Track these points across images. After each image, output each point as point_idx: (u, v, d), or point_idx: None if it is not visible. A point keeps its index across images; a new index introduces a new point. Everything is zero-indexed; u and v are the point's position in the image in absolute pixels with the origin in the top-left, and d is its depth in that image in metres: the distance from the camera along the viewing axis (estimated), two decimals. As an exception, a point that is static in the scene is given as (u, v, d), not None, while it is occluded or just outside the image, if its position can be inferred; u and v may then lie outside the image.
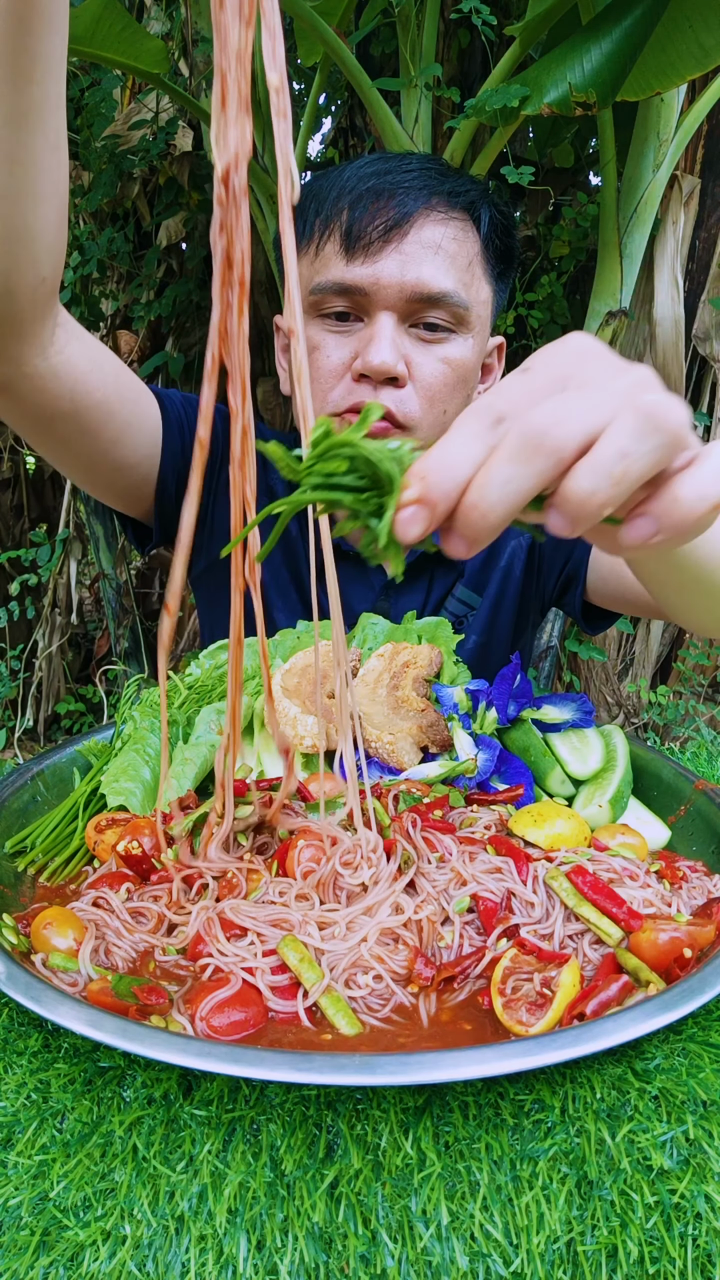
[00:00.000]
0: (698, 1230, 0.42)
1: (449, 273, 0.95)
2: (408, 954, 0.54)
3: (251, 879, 0.61)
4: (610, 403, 0.40)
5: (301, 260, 1.01)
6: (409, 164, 0.97)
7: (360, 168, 0.97)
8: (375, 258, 0.93)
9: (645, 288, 2.15)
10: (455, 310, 0.96)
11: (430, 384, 0.97)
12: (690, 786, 0.78)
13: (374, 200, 0.94)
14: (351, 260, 0.94)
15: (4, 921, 0.58)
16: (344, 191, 0.96)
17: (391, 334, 0.94)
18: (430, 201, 0.95)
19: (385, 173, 0.96)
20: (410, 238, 0.93)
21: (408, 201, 0.94)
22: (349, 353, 0.97)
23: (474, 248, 0.98)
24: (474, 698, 0.83)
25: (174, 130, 2.16)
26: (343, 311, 0.97)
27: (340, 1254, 0.41)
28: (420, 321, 0.96)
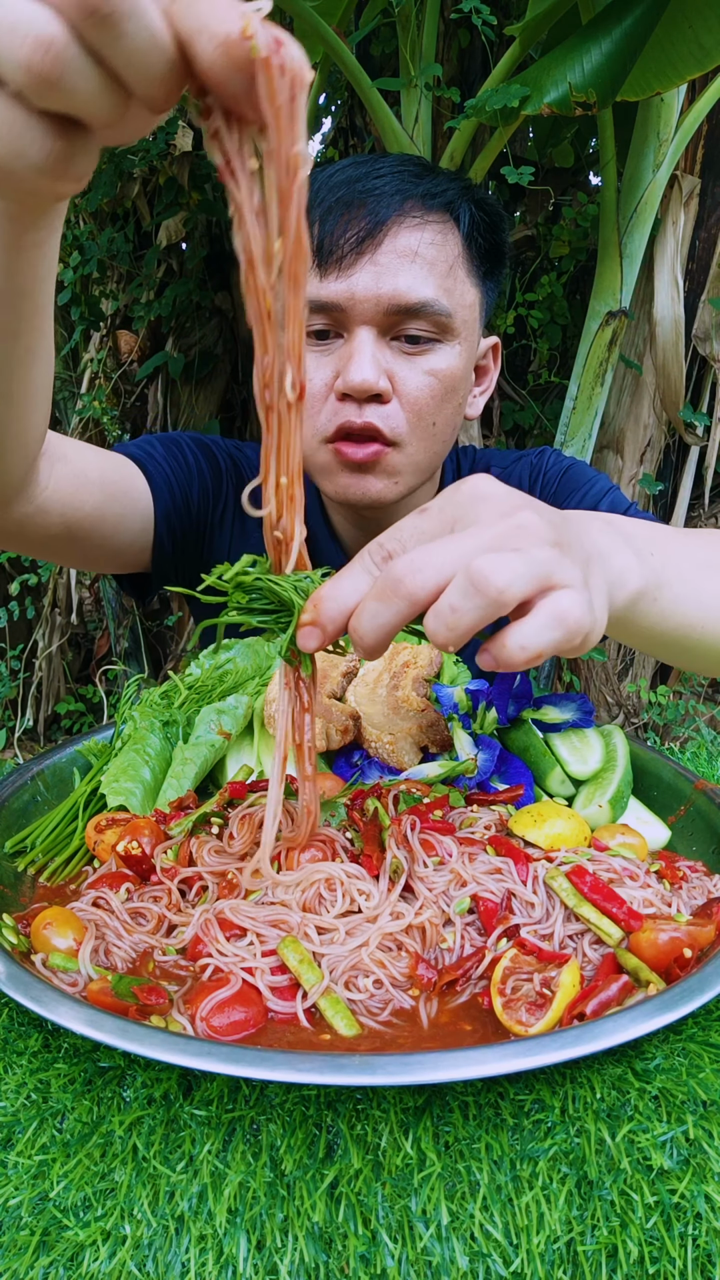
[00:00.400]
0: (698, 1230, 0.42)
1: (427, 280, 0.91)
2: (409, 959, 0.54)
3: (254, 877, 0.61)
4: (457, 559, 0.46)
5: None
6: (381, 168, 0.92)
7: (331, 176, 0.92)
8: (349, 271, 0.89)
9: (645, 288, 2.15)
10: (437, 319, 0.91)
11: (416, 398, 0.93)
12: (690, 786, 0.78)
13: (344, 211, 0.90)
14: (325, 276, 0.90)
15: (4, 921, 0.58)
16: (314, 203, 0.91)
17: (371, 350, 0.91)
18: (404, 206, 0.90)
19: (356, 180, 0.91)
20: (384, 247, 0.89)
21: (380, 209, 0.89)
22: (330, 372, 0.93)
23: (455, 249, 0.94)
24: (474, 698, 0.83)
25: (174, 130, 2.16)
26: (321, 329, 0.93)
27: (340, 1254, 0.41)
28: (402, 334, 0.93)
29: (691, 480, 2.37)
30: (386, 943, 0.55)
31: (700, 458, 2.35)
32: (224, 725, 0.81)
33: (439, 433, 0.98)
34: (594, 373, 2.00)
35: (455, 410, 0.99)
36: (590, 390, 2.02)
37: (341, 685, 0.86)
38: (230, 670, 0.91)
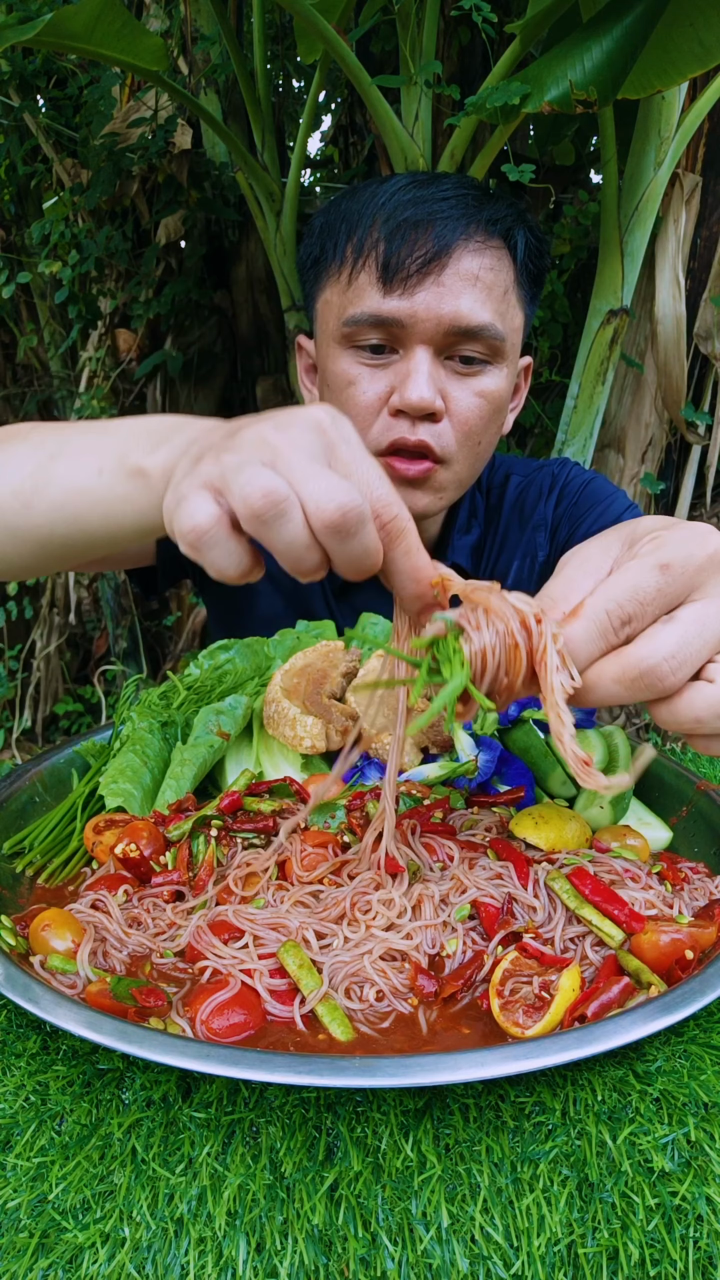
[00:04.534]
0: (699, 1232, 0.42)
1: (486, 305, 0.93)
2: (410, 970, 0.54)
3: (250, 883, 0.61)
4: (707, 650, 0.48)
5: (330, 286, 0.99)
6: (445, 189, 0.94)
7: (394, 193, 0.95)
8: (413, 290, 0.91)
9: (647, 286, 2.15)
10: (492, 343, 0.95)
11: (467, 418, 0.96)
12: (692, 788, 0.78)
13: (412, 231, 0.92)
14: (389, 293, 0.92)
15: (2, 923, 0.58)
16: (379, 218, 0.93)
17: (429, 369, 0.92)
18: (468, 230, 0.93)
19: (421, 200, 0.93)
20: (449, 269, 0.92)
21: (446, 232, 0.92)
22: (385, 386, 0.95)
23: (509, 275, 0.97)
24: (474, 698, 0.82)
25: (173, 128, 2.15)
26: (377, 344, 0.95)
27: (340, 1256, 0.41)
28: (456, 354, 0.95)
29: (693, 479, 2.37)
30: (390, 953, 0.55)
31: (702, 457, 2.35)
32: (223, 726, 0.81)
33: (483, 451, 1.01)
34: (595, 371, 2.00)
35: (498, 429, 1.02)
36: (591, 389, 2.02)
37: (341, 685, 0.86)
38: (229, 671, 0.91)
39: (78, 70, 2.27)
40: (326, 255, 0.99)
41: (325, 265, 0.99)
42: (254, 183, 2.00)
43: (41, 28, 1.43)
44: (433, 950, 0.56)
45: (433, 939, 0.56)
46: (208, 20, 2.21)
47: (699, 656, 0.47)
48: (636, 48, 1.39)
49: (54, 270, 2.32)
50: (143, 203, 2.29)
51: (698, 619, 0.48)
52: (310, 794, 0.73)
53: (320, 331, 1.03)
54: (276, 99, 2.31)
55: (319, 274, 1.01)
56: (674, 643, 0.47)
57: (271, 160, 2.10)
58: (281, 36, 2.31)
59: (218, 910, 0.58)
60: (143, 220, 2.31)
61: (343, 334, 0.96)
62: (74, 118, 2.32)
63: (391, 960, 0.55)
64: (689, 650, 0.47)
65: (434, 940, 0.56)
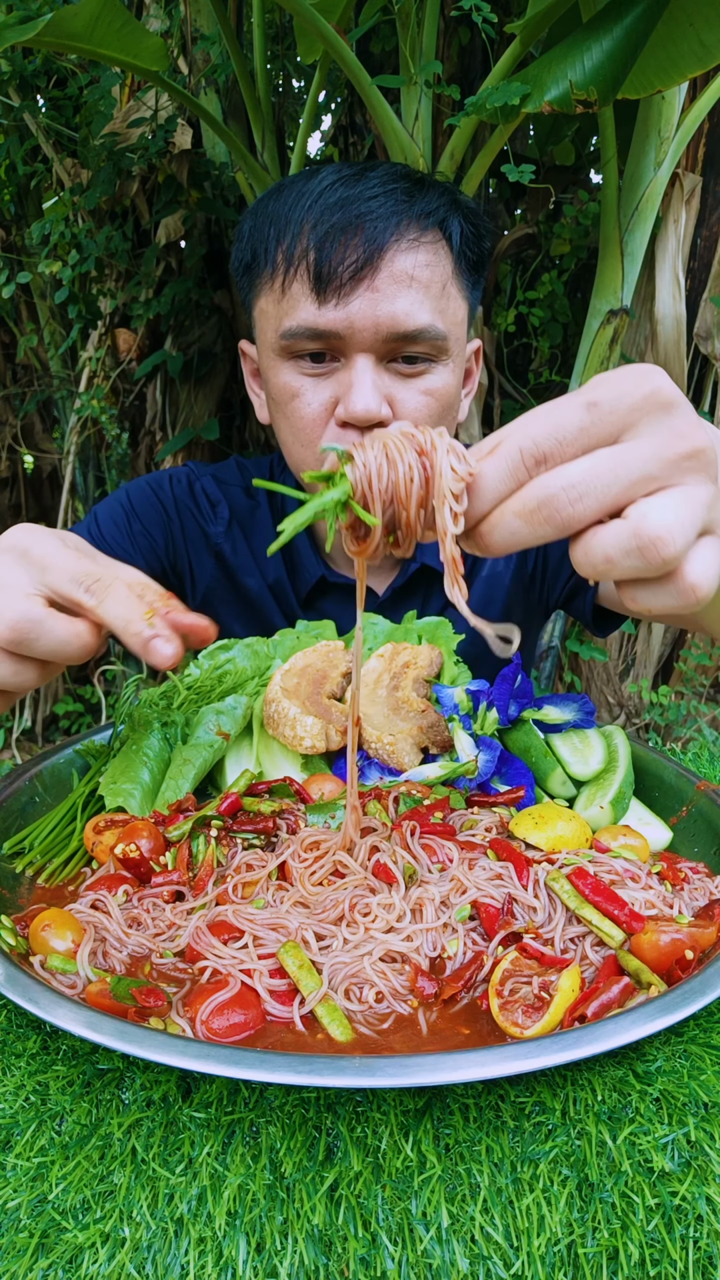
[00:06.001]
0: (699, 1232, 0.42)
1: (424, 304, 0.91)
2: (410, 972, 0.54)
3: (247, 889, 0.61)
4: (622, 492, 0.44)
5: (265, 295, 0.97)
6: (372, 185, 0.91)
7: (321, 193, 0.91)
8: (347, 299, 0.89)
9: (646, 286, 2.15)
10: (434, 343, 0.93)
11: (416, 419, 0.94)
12: (692, 787, 0.78)
13: (340, 235, 0.88)
14: (323, 303, 0.89)
15: (2, 923, 0.58)
16: (307, 224, 0.90)
17: (371, 378, 0.91)
18: (399, 229, 0.90)
19: (349, 201, 0.89)
20: (382, 273, 0.89)
21: (376, 233, 0.88)
22: (329, 395, 0.94)
23: (447, 268, 0.94)
24: (474, 698, 0.82)
25: (173, 128, 2.15)
26: (317, 353, 0.93)
27: (340, 1256, 0.41)
28: (399, 356, 0.93)
29: (692, 479, 2.37)
30: (390, 955, 0.55)
31: (701, 456, 2.34)
32: (223, 726, 0.81)
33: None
34: (595, 371, 2.00)
35: (450, 423, 1.01)
36: (591, 389, 2.01)
37: (341, 685, 0.86)
38: (229, 671, 0.91)
39: (78, 70, 2.27)
40: (258, 261, 0.97)
41: (258, 272, 0.97)
42: (254, 183, 2.00)
43: (41, 28, 1.43)
44: (434, 953, 0.56)
45: (434, 941, 0.56)
46: (208, 20, 2.21)
47: (606, 492, 0.44)
48: (636, 48, 1.39)
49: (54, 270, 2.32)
50: (143, 203, 2.29)
51: (613, 454, 0.44)
52: (310, 794, 0.73)
53: (259, 341, 1.01)
54: (276, 99, 2.31)
55: (252, 280, 0.99)
56: (577, 473, 0.44)
57: (271, 160, 2.10)
58: (281, 36, 2.30)
59: (217, 910, 0.58)
60: (143, 220, 2.31)
61: (281, 346, 0.95)
62: (74, 118, 2.32)
63: (391, 962, 0.55)
64: (594, 482, 0.44)
65: (435, 943, 0.56)
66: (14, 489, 3.03)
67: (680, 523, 0.43)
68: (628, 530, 0.44)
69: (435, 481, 0.47)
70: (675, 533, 0.43)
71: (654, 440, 0.44)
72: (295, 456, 1.00)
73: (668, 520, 0.43)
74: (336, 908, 0.58)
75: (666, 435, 0.44)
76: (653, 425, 0.45)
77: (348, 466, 0.49)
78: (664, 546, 0.43)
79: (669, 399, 0.45)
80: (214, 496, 1.16)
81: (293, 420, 0.97)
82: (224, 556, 1.14)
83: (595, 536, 0.44)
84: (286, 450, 1.02)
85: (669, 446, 0.44)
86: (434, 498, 0.47)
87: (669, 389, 0.46)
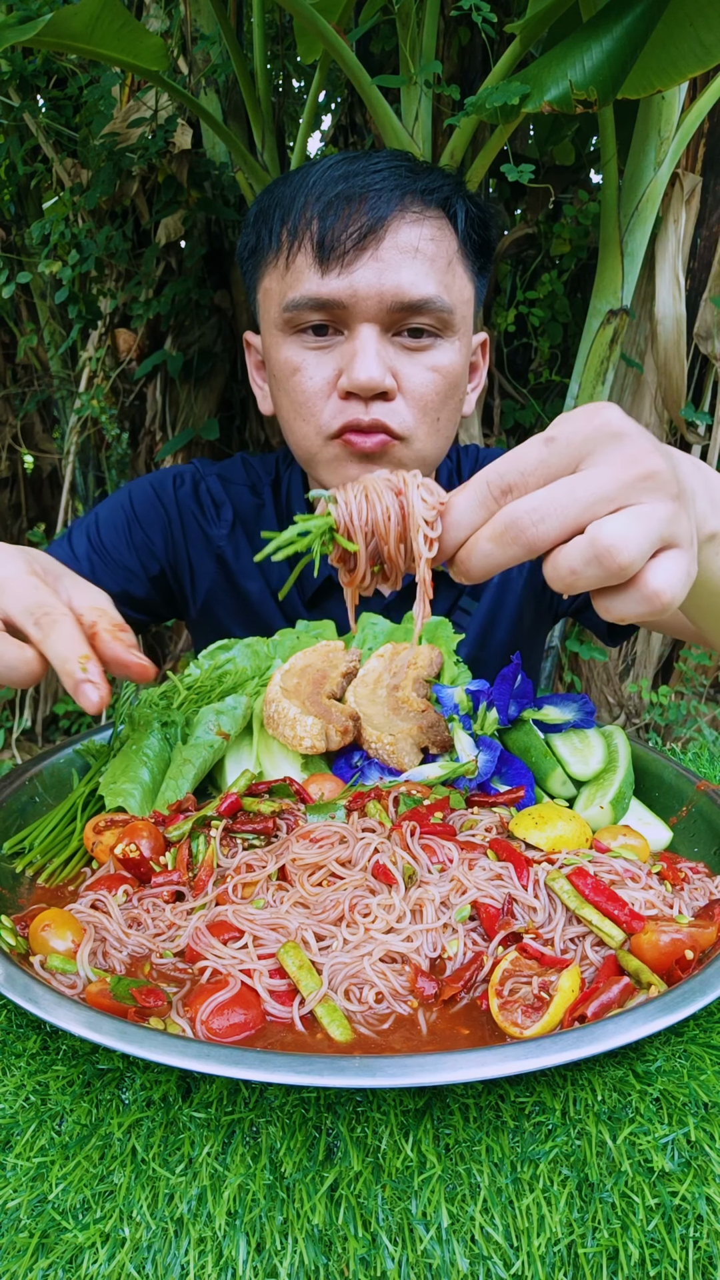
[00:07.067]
0: (699, 1232, 0.42)
1: (429, 276, 0.90)
2: (410, 972, 0.54)
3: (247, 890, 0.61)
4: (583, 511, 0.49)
5: (269, 274, 0.96)
6: (377, 163, 0.91)
7: (325, 170, 0.91)
8: (350, 267, 0.88)
9: (646, 286, 2.15)
10: (439, 315, 0.91)
11: (421, 394, 0.93)
12: (692, 788, 0.78)
13: (344, 205, 0.88)
14: (326, 272, 0.89)
15: (2, 923, 0.58)
16: (311, 198, 0.90)
17: (375, 347, 0.89)
18: (404, 201, 0.89)
19: (353, 175, 0.89)
20: (386, 243, 0.88)
21: (380, 204, 0.88)
22: (332, 369, 0.92)
23: (452, 246, 0.93)
24: (474, 698, 0.82)
25: (173, 128, 2.15)
26: (320, 325, 0.92)
27: (340, 1256, 0.41)
28: (404, 329, 0.92)
29: (692, 479, 2.37)
30: (390, 955, 0.55)
31: (702, 457, 2.34)
32: (223, 726, 0.81)
33: (443, 428, 0.98)
34: (595, 371, 2.00)
35: (457, 405, 0.99)
36: (591, 389, 2.02)
37: (341, 685, 0.86)
38: (229, 671, 0.91)
39: (78, 70, 2.27)
40: (263, 243, 0.96)
41: (263, 254, 0.97)
42: (254, 183, 2.00)
43: (41, 28, 1.42)
44: (434, 954, 0.56)
45: (434, 942, 0.56)
46: (208, 20, 2.21)
47: (565, 513, 0.49)
48: (636, 48, 1.39)
49: (54, 270, 2.32)
50: (143, 203, 2.29)
51: (571, 480, 0.49)
52: (310, 794, 0.73)
53: (263, 321, 1.00)
54: (276, 99, 2.31)
55: (257, 264, 0.99)
56: (538, 498, 0.49)
57: (271, 160, 2.10)
58: (281, 36, 2.30)
59: (217, 910, 0.58)
60: (143, 220, 2.31)
61: (284, 320, 0.93)
62: (74, 118, 2.32)
63: (391, 962, 0.55)
64: (553, 505, 0.49)
65: (435, 943, 0.56)
66: (14, 489, 3.03)
67: (633, 533, 0.48)
68: (586, 542, 0.48)
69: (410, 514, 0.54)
70: (628, 541, 0.47)
71: (608, 466, 0.49)
72: (297, 434, 0.98)
73: (620, 531, 0.47)
74: (336, 908, 0.58)
75: (620, 460, 0.49)
76: (606, 453, 0.50)
77: (331, 506, 0.55)
78: (618, 554, 0.47)
79: (619, 429, 0.50)
80: (218, 497, 1.14)
81: (294, 395, 0.95)
82: (225, 560, 1.13)
83: (560, 553, 0.50)
84: (287, 429, 1.00)
85: (623, 470, 0.49)
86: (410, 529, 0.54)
87: (618, 420, 0.50)
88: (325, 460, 0.97)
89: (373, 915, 0.57)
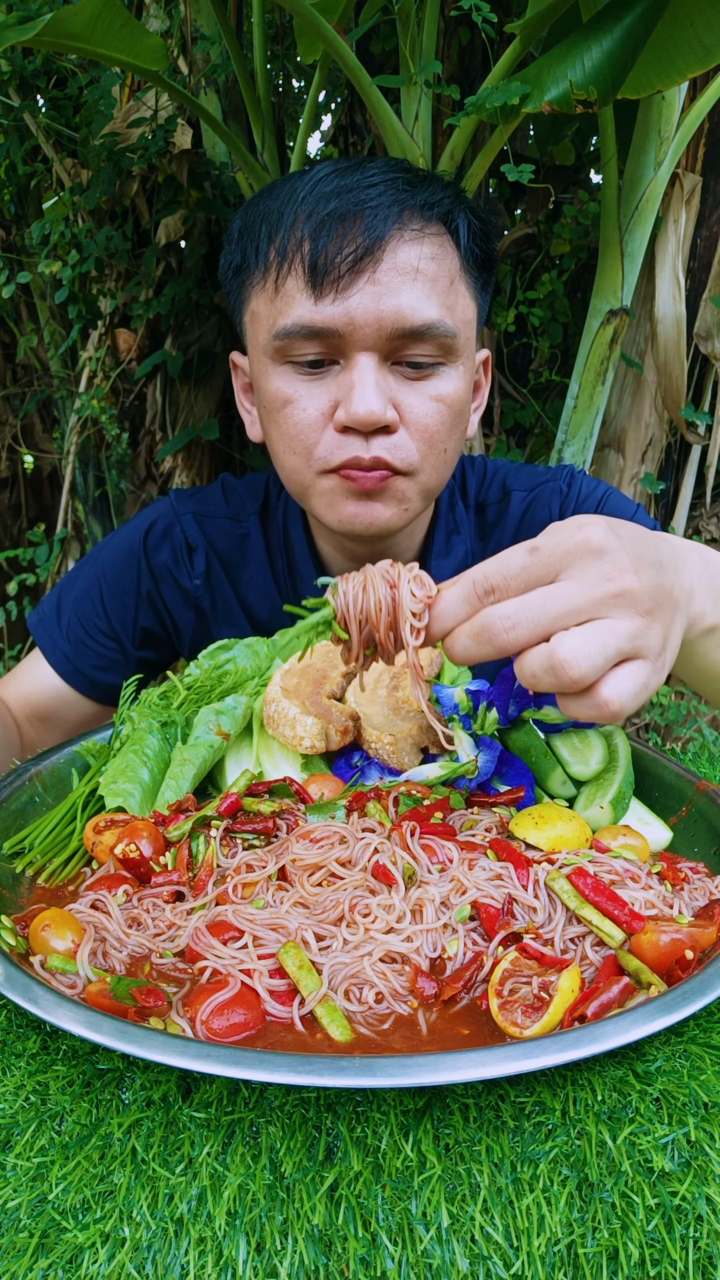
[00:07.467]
0: (699, 1232, 0.42)
1: (430, 299, 0.83)
2: (410, 972, 0.54)
3: (247, 890, 0.61)
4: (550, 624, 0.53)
5: (256, 295, 0.88)
6: (371, 175, 0.84)
7: (316, 184, 0.84)
8: (346, 293, 0.81)
9: (647, 286, 2.15)
10: (442, 341, 0.85)
11: (426, 426, 0.86)
12: (692, 788, 0.78)
13: (338, 225, 0.81)
14: (320, 298, 0.81)
15: (2, 923, 0.58)
16: (301, 215, 0.83)
17: (374, 379, 0.83)
18: (401, 218, 0.83)
19: (346, 190, 0.82)
20: (384, 264, 0.81)
21: (376, 222, 0.81)
22: (327, 401, 0.85)
23: (454, 263, 0.87)
24: (474, 698, 0.82)
25: (173, 128, 2.15)
26: (315, 359, 0.85)
27: (340, 1256, 0.41)
28: (404, 360, 0.85)
29: (693, 479, 2.37)
30: (390, 955, 0.55)
31: (702, 457, 2.35)
32: (223, 726, 0.81)
33: (449, 458, 0.93)
34: (595, 371, 2.00)
35: (462, 434, 0.94)
36: (591, 389, 2.02)
37: (341, 685, 0.86)
38: (229, 671, 0.91)
39: (78, 70, 2.27)
40: (249, 262, 0.89)
41: (249, 273, 0.90)
42: (254, 183, 2.00)
43: (41, 28, 1.42)
44: (434, 954, 0.56)
45: (434, 942, 0.56)
46: (208, 20, 2.21)
47: (536, 623, 0.53)
48: (636, 47, 1.39)
49: (54, 270, 2.32)
50: (143, 203, 2.29)
51: (545, 592, 0.54)
52: (310, 794, 0.73)
53: (251, 346, 0.93)
54: (276, 99, 2.31)
55: (242, 283, 0.92)
56: (512, 606, 0.54)
57: (271, 160, 2.10)
58: (281, 36, 2.30)
59: (217, 910, 0.58)
60: (143, 220, 2.31)
61: (275, 349, 0.86)
62: (74, 118, 2.32)
63: (391, 963, 0.55)
64: (524, 615, 0.53)
65: (435, 943, 0.56)
66: (14, 489, 3.03)
67: (589, 649, 0.52)
68: (545, 653, 0.53)
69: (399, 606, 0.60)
70: (581, 657, 0.51)
71: (582, 581, 0.53)
72: (287, 467, 0.92)
73: (576, 646, 0.51)
74: (336, 908, 0.58)
75: (594, 577, 0.53)
76: (583, 568, 0.53)
77: (330, 595, 0.62)
78: (570, 669, 0.51)
79: (598, 546, 0.54)
80: (193, 540, 1.08)
81: (285, 429, 0.88)
82: (203, 609, 1.09)
83: (526, 657, 0.54)
84: (278, 460, 0.94)
85: (595, 587, 0.53)
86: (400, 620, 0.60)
87: (599, 537, 0.54)
88: (320, 493, 0.91)
89: (373, 915, 0.57)
